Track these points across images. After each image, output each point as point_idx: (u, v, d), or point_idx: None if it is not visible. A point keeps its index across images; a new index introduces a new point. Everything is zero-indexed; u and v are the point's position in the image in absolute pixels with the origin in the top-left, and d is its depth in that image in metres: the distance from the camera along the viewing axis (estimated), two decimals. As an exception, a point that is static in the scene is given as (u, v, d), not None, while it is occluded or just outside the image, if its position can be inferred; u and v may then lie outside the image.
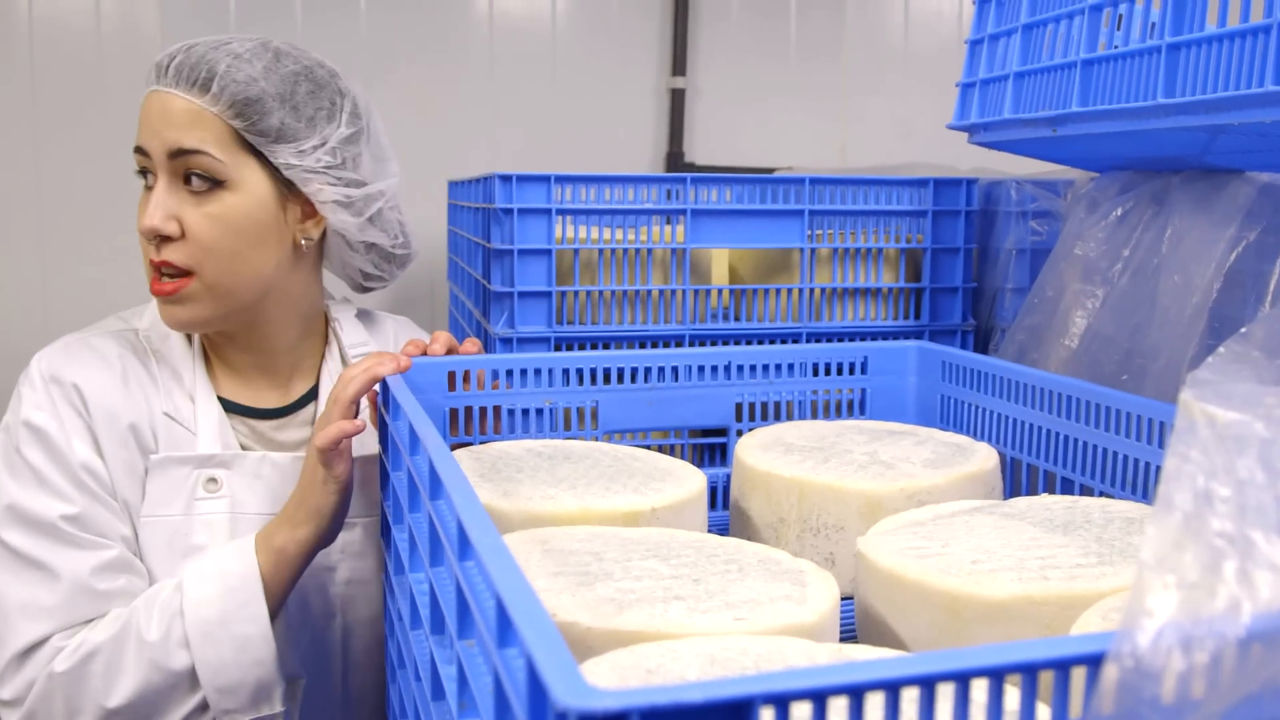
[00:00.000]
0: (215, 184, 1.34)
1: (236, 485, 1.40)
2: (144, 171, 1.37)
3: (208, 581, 1.29)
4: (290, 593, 1.35)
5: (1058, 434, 1.30)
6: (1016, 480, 1.38)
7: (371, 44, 2.65)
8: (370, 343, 1.57)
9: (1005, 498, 1.30)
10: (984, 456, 1.26)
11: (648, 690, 0.46)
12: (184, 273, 1.34)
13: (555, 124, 2.78)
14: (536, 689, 0.50)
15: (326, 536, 1.33)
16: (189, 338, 1.46)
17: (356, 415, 1.29)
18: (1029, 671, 0.54)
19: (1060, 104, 1.31)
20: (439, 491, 0.89)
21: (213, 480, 1.39)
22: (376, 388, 1.30)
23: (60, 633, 1.28)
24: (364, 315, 1.62)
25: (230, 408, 1.45)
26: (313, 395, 1.51)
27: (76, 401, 1.35)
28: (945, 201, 1.81)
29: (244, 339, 1.46)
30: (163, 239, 1.33)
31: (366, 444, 1.43)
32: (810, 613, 0.85)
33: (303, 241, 1.42)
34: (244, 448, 1.44)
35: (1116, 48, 1.24)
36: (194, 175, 1.33)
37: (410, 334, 1.65)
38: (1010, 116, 1.40)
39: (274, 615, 1.32)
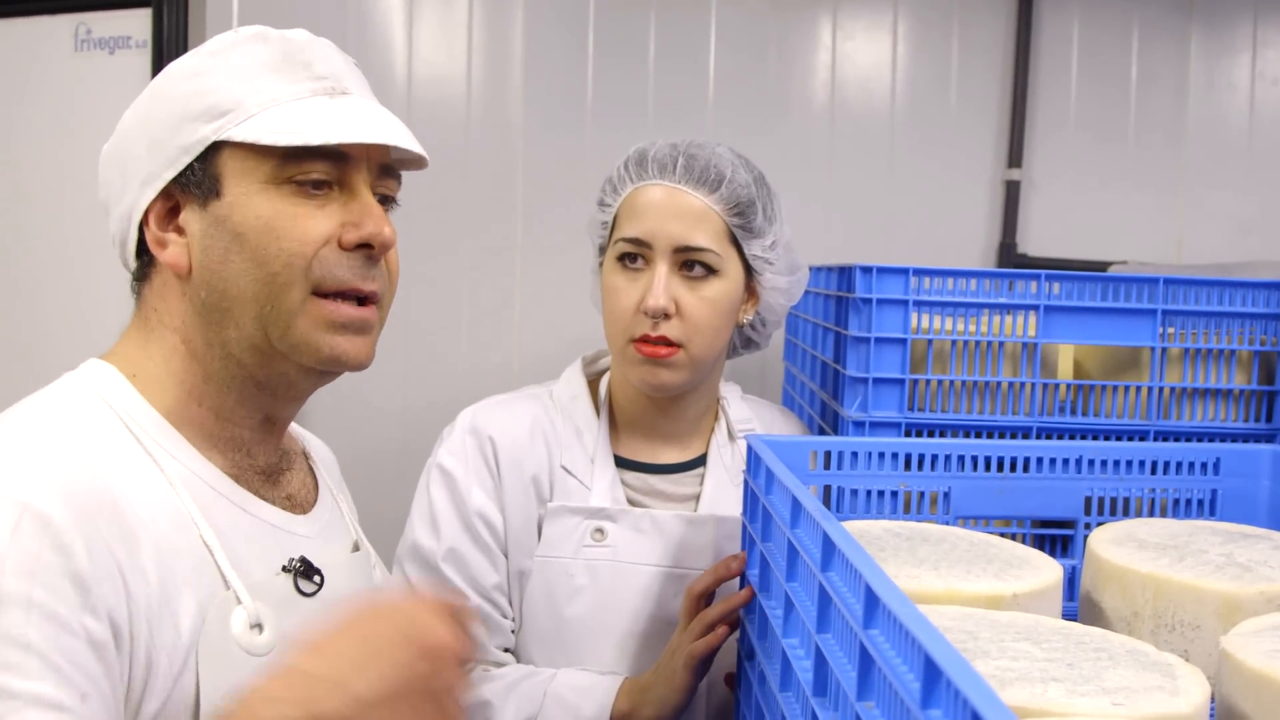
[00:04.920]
0: (710, 272, 1.54)
1: (620, 537, 1.57)
2: (632, 255, 1.56)
3: (565, 712, 1.49)
4: None
5: None
6: (1381, 593, 1.35)
7: (717, 137, 2.79)
8: (753, 420, 1.71)
9: (1370, 610, 1.28)
10: (1347, 566, 1.25)
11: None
12: (674, 344, 1.53)
13: (889, 212, 2.85)
14: (979, 740, 0.58)
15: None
16: (596, 403, 1.65)
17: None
18: None
19: None
20: (831, 562, 0.97)
21: (600, 531, 1.57)
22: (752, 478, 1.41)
23: None
24: (746, 396, 1.78)
25: (627, 464, 1.63)
26: (702, 460, 1.67)
27: (489, 451, 1.58)
28: (1303, 304, 1.79)
29: (668, 405, 1.64)
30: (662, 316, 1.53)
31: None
32: (1185, 704, 0.89)
33: (745, 320, 1.63)
34: (631, 501, 1.61)
35: None
36: (696, 264, 1.53)
37: (784, 424, 1.80)
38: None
39: None
